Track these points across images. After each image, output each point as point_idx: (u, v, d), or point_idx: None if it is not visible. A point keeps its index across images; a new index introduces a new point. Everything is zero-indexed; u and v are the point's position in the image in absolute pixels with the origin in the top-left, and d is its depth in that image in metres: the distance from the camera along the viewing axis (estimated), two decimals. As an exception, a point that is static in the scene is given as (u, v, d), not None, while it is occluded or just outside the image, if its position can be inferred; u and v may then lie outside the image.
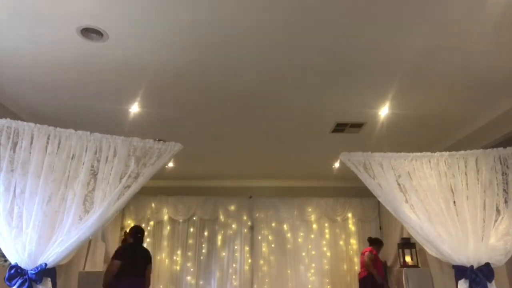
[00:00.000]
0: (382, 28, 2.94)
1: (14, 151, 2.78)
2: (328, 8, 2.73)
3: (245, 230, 7.38)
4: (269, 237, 7.40)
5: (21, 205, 2.70)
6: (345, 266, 7.26)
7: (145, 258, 5.14)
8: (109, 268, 4.93)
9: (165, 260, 7.18)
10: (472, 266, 3.06)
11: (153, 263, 7.13)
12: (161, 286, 7.05)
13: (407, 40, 3.08)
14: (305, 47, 3.19)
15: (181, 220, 7.40)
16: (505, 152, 3.39)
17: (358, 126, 4.82)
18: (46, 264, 2.65)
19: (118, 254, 5.06)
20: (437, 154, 3.43)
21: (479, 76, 3.63)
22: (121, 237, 6.33)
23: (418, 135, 5.08)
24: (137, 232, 5.30)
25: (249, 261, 7.21)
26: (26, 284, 2.60)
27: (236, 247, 7.26)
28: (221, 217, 7.39)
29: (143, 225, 7.35)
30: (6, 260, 2.86)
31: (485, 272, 3.04)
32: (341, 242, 7.41)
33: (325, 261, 7.28)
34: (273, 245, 7.35)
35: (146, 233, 7.18)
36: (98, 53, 3.26)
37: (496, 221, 3.25)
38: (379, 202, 3.77)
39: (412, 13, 2.77)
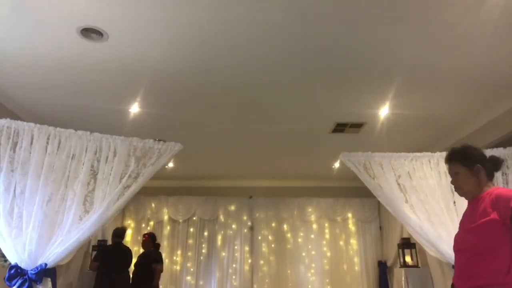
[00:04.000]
0: (382, 28, 2.94)
1: (14, 151, 2.78)
2: (328, 8, 2.73)
3: (245, 230, 7.37)
4: (269, 237, 7.39)
5: (21, 205, 2.70)
6: (345, 266, 7.26)
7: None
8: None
9: (165, 260, 7.16)
10: (472, 266, 3.05)
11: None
12: (161, 286, 7.04)
13: (407, 40, 3.08)
14: (305, 47, 3.19)
15: (181, 220, 7.39)
16: (505, 152, 3.39)
17: (358, 126, 4.82)
18: (46, 264, 2.66)
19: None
20: (437, 154, 3.43)
21: (479, 76, 3.63)
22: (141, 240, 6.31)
23: (418, 135, 5.08)
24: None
25: (249, 261, 7.21)
26: (26, 284, 2.61)
27: (236, 247, 7.25)
28: (221, 217, 7.38)
29: (143, 225, 7.37)
30: (6, 260, 2.86)
31: (485, 272, 3.03)
32: (341, 242, 7.40)
33: (325, 261, 7.27)
34: (273, 245, 7.35)
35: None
36: (98, 53, 3.26)
37: (496, 221, 3.24)
38: (379, 202, 3.77)
39: (412, 13, 2.77)
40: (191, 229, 7.38)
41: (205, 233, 7.36)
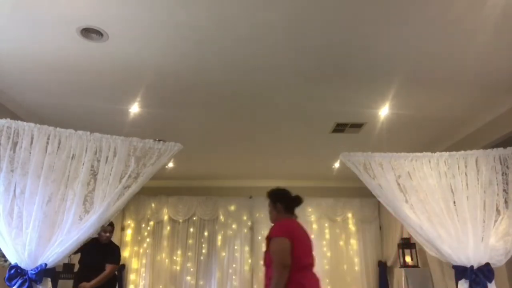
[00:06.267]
0: (382, 28, 2.94)
1: (14, 151, 2.78)
2: (328, 8, 2.73)
3: (245, 230, 7.36)
4: (269, 237, 7.38)
5: (21, 205, 2.70)
6: (345, 266, 7.25)
7: None
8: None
9: (165, 260, 7.18)
10: (472, 266, 3.06)
11: (153, 263, 7.07)
12: (161, 286, 7.05)
13: (407, 40, 3.08)
14: (305, 47, 3.19)
15: (181, 220, 7.39)
16: (505, 152, 3.39)
17: (358, 126, 4.82)
18: (46, 264, 2.66)
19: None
20: (437, 154, 3.43)
21: (479, 76, 3.63)
22: None
23: (418, 135, 5.08)
24: None
25: (249, 261, 7.20)
26: (26, 284, 2.61)
27: (236, 247, 7.25)
28: (221, 217, 7.38)
29: (143, 225, 7.36)
30: (6, 260, 2.87)
31: (485, 272, 3.05)
32: (341, 243, 7.40)
33: (325, 261, 7.26)
34: (273, 245, 7.33)
35: (146, 233, 7.22)
36: (98, 53, 3.26)
37: (496, 221, 3.25)
38: (379, 202, 3.77)
39: (412, 13, 2.77)
40: (191, 229, 7.38)
41: (205, 233, 7.35)
